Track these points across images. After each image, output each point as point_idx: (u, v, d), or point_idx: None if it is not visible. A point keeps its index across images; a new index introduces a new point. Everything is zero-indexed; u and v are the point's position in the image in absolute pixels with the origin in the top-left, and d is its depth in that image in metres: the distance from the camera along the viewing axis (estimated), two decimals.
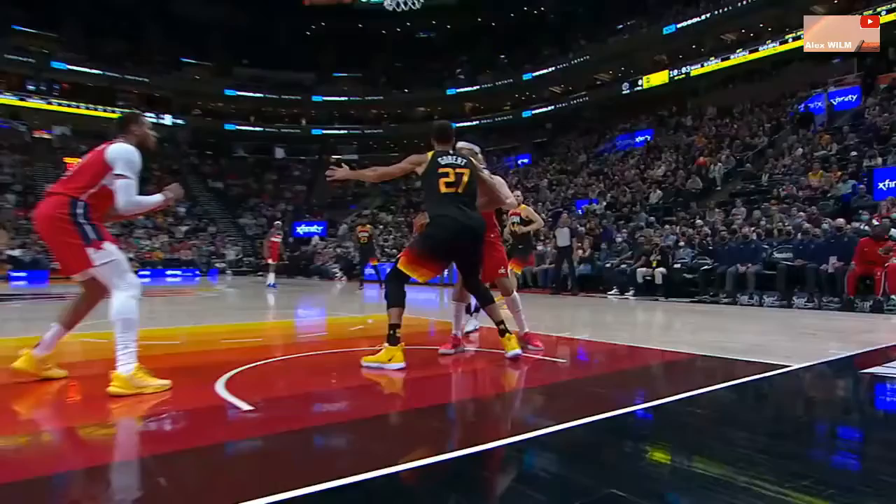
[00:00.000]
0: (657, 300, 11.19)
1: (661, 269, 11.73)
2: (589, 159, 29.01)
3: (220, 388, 3.27)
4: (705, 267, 11.23)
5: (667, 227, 14.85)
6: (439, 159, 4.16)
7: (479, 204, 4.34)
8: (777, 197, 14.95)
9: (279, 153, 41.69)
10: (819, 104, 20.92)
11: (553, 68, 35.10)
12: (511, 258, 6.06)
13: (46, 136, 34.84)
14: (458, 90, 38.89)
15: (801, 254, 9.90)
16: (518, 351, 4.20)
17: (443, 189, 4.08)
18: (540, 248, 16.96)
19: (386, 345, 3.91)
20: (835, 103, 20.57)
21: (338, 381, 3.80)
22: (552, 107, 36.07)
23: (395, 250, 20.64)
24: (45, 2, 33.96)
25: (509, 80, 37.08)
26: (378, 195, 36.46)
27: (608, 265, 13.16)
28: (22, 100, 34.13)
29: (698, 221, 14.31)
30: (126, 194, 3.28)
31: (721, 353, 4.51)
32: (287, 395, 3.36)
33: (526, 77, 36.25)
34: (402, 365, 3.84)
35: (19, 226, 27.94)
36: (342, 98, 40.95)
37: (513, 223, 6.91)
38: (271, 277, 15.81)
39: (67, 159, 33.04)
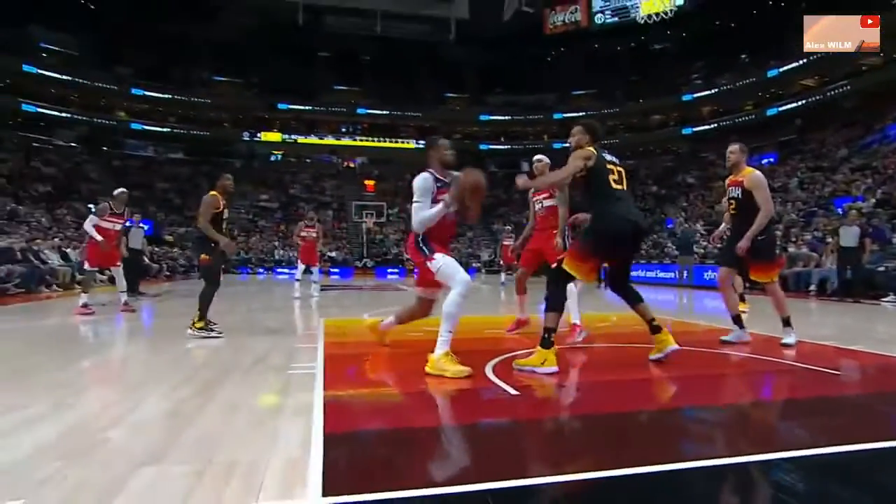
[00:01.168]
0: None
1: None
2: (851, 153, 24.52)
3: (489, 372, 3.60)
4: None
5: None
6: (604, 155, 3.84)
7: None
8: None
9: (524, 167, 42.80)
10: None
11: (805, 60, 29.98)
12: (755, 262, 4.77)
13: (352, 166, 40.89)
14: (695, 95, 35.85)
15: None
16: (674, 346, 3.85)
17: (613, 185, 3.77)
18: (792, 249, 14.96)
19: (539, 348, 3.62)
20: None
21: (584, 375, 3.86)
22: (802, 101, 31.00)
23: None
24: (353, 64, 40.40)
25: (751, 78, 32.99)
26: None
27: (881, 268, 11.03)
28: (337, 139, 41.01)
29: None
30: (415, 215, 3.79)
31: None
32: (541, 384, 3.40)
33: (771, 73, 31.80)
34: (555, 369, 3.53)
35: (335, 234, 33.10)
36: (580, 113, 40.43)
37: (731, 200, 4.97)
38: (503, 277, 17.07)
39: (367, 181, 38.64)
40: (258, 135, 39.67)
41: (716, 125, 35.14)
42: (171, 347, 4.77)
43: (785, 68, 31.17)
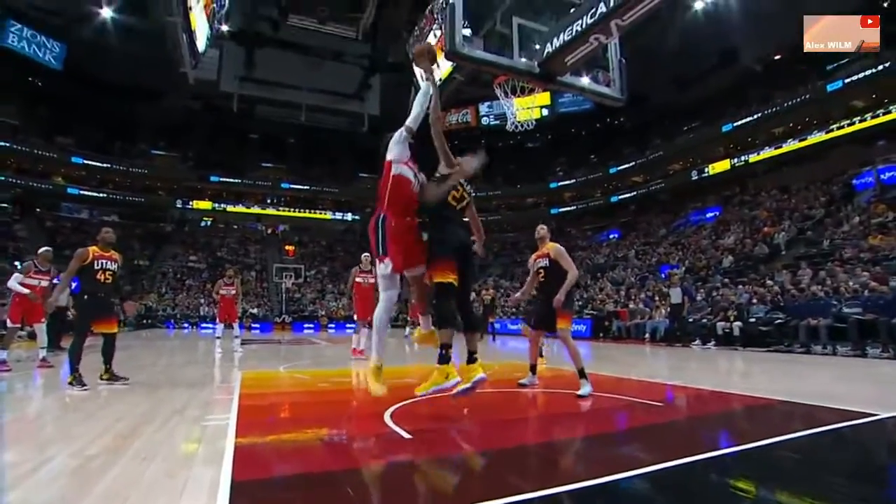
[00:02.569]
0: (736, 349, 10.29)
1: (738, 323, 10.82)
2: (668, 233, 27.59)
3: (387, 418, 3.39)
4: (778, 321, 10.18)
5: (740, 286, 13.70)
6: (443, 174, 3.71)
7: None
8: (840, 259, 13.38)
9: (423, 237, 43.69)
10: (869, 179, 18.78)
11: (633, 163, 34.35)
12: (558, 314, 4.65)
13: (275, 232, 39.59)
14: (559, 183, 39.10)
15: (871, 308, 8.68)
16: (482, 375, 3.34)
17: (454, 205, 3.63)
18: (631, 305, 16.26)
19: (437, 366, 3.28)
20: (885, 178, 18.32)
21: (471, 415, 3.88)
22: (634, 192, 34.99)
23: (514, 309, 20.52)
24: (278, 147, 39.96)
25: (599, 173, 36.67)
26: (497, 265, 36.80)
27: (691, 320, 12.29)
28: (262, 209, 39.68)
29: (768, 282, 13.09)
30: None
31: (809, 400, 4.09)
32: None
33: (612, 170, 35.70)
34: (458, 379, 3.23)
35: (258, 292, 31.38)
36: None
37: (539, 269, 4.90)
38: (407, 331, 16.35)
39: (287, 246, 37.45)
40: (190, 203, 37.56)
41: (574, 207, 38.39)
42: (87, 403, 4.23)
43: (620, 168, 35.06)
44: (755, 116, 26.58)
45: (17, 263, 20.03)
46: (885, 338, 8.10)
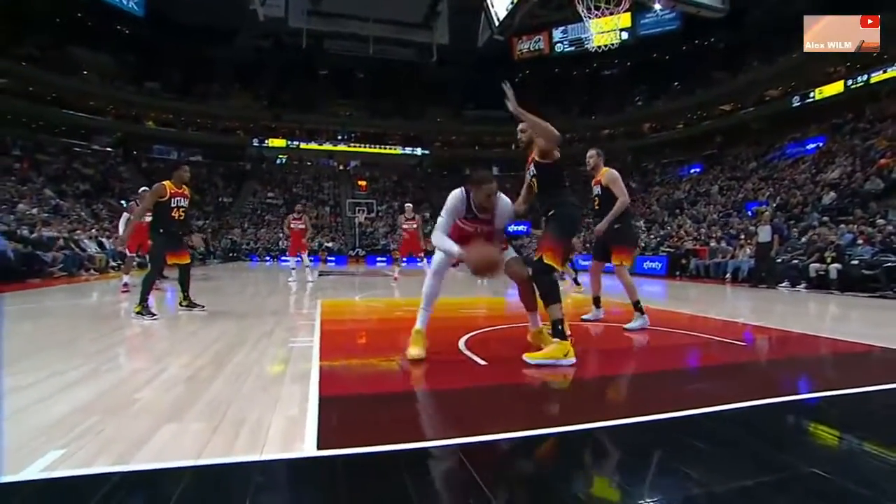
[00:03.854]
0: (832, 293, 9.46)
1: (836, 265, 9.86)
2: (759, 166, 25.16)
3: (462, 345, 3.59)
4: (889, 263, 9.16)
5: (842, 226, 12.36)
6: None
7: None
8: None
9: (495, 170, 42.75)
10: None
11: (723, 91, 31.01)
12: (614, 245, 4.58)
13: (347, 168, 40.48)
14: (638, 113, 36.50)
15: None
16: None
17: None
18: (713, 244, 15.31)
19: (557, 340, 3.12)
20: None
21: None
22: (721, 122, 31.89)
23: None
24: (347, 82, 40.04)
25: (682, 104, 33.59)
26: None
27: (779, 260, 11.33)
28: (334, 145, 40.44)
29: (879, 220, 11.70)
30: (435, 231, 3.23)
31: None
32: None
33: (697, 97, 32.56)
34: (575, 360, 3.09)
35: (332, 226, 32.79)
36: None
37: (594, 196, 4.81)
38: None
39: (360, 181, 38.37)
40: (265, 141, 39.05)
41: (654, 139, 35.78)
42: (189, 324, 4.72)
43: (709, 95, 31.83)
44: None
45: (122, 202, 22.21)
46: None
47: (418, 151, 41.38)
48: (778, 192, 19.61)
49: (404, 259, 13.69)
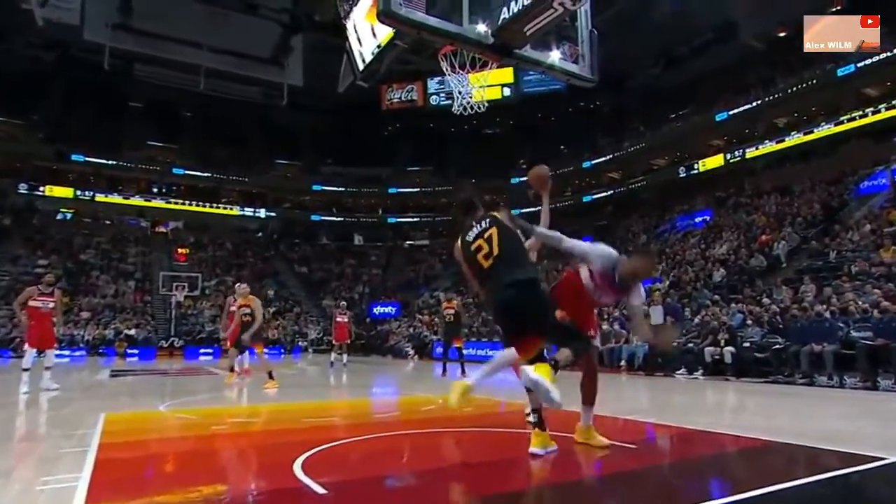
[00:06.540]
0: (728, 379, 10.70)
1: (730, 349, 11.26)
2: (650, 239, 28.61)
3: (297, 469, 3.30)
4: (777, 346, 10.63)
5: (732, 305, 14.29)
6: (467, 237, 3.68)
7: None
8: (849, 274, 14.16)
9: (358, 240, 43.16)
10: (883, 181, 19.97)
11: (611, 156, 35.60)
12: None
13: (163, 231, 37.85)
14: (521, 178, 39.81)
15: (883, 333, 8.87)
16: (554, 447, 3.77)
17: (483, 264, 3.53)
18: (605, 327, 16.68)
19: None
20: None
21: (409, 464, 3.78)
22: (611, 191, 36.27)
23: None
24: (169, 120, 38.38)
25: (569, 168, 37.66)
26: (448, 277, 36.91)
27: (674, 344, 12.62)
28: (146, 200, 37.81)
29: (765, 300, 13.74)
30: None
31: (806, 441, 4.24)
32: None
33: (585, 165, 36.90)
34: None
35: (136, 308, 29.92)
36: (415, 189, 42.94)
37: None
38: (332, 356, 15.74)
39: (180, 249, 35.91)
40: (41, 188, 34.92)
41: (539, 208, 39.18)
42: None
43: (596, 161, 36.32)
44: (754, 104, 27.98)
45: None
46: None
47: (261, 213, 40.39)
48: (671, 267, 22.27)
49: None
